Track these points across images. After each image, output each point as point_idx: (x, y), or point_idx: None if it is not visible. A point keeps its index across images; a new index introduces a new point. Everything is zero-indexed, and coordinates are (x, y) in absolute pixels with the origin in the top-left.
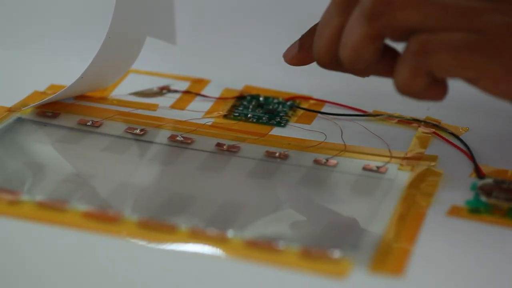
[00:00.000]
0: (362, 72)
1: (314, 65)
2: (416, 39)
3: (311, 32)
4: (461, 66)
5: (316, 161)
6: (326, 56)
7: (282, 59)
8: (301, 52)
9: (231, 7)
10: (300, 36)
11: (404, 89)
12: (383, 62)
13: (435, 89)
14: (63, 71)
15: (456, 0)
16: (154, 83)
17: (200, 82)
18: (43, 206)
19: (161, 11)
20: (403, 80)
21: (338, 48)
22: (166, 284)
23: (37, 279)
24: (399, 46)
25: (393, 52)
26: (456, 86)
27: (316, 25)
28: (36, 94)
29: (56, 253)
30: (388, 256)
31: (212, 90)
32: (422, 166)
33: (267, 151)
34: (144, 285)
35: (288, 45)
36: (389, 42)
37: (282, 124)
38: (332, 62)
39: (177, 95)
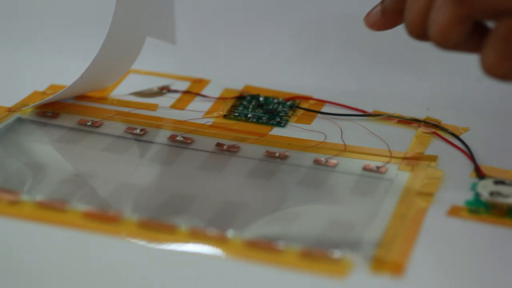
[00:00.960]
0: (450, 49)
1: (313, 65)
2: (505, 23)
3: None
4: None
5: (316, 161)
6: (417, 29)
7: (282, 59)
8: (384, 17)
9: (231, 7)
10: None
11: (491, 71)
12: (471, 40)
13: None
14: (63, 71)
15: None
16: (154, 83)
17: (200, 82)
18: (43, 206)
19: (161, 11)
20: (491, 63)
21: (428, 24)
22: (166, 284)
23: (37, 279)
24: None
25: (483, 30)
26: (456, 86)
27: None
28: (36, 94)
29: (56, 253)
30: (388, 256)
31: (212, 90)
32: (422, 166)
33: (267, 151)
34: (144, 285)
35: (288, 45)
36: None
37: (282, 124)
38: (424, 35)
39: (177, 95)
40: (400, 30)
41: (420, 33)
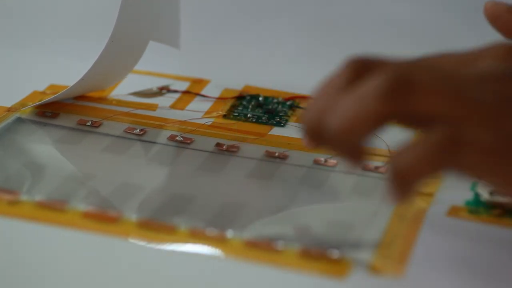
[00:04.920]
0: (347, 148)
1: (313, 65)
2: (444, 130)
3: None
4: (489, 169)
5: (316, 161)
6: (314, 123)
7: (282, 59)
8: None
9: (230, 7)
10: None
11: (408, 171)
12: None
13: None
14: (63, 71)
15: (486, 97)
16: (153, 83)
17: (199, 82)
18: (43, 206)
19: (167, 16)
20: (412, 164)
21: (328, 118)
22: (166, 284)
23: (37, 279)
24: None
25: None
26: None
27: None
28: (35, 94)
29: (56, 253)
30: (388, 256)
31: (212, 90)
32: None
33: (266, 151)
34: (144, 285)
35: (288, 45)
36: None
37: (282, 124)
38: (317, 132)
39: (177, 95)
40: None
41: (314, 129)
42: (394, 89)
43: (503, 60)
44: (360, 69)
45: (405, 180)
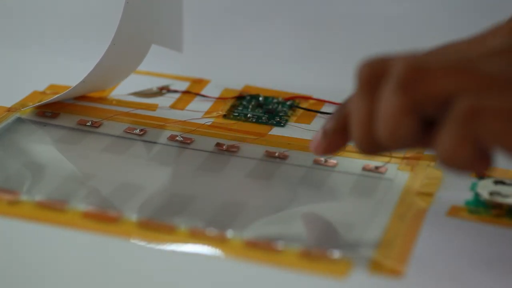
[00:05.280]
0: (403, 148)
1: (313, 64)
2: (461, 105)
3: (333, 118)
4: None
5: (316, 161)
6: (366, 141)
7: (282, 59)
8: (327, 139)
9: (230, 7)
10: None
11: (449, 160)
12: (423, 138)
13: (479, 160)
14: (63, 71)
15: (500, 68)
16: (153, 83)
17: (199, 82)
18: (43, 206)
19: (170, 19)
20: (448, 150)
21: (375, 129)
22: (165, 284)
23: (37, 279)
24: None
25: (434, 126)
26: None
27: (338, 110)
28: (35, 94)
29: (56, 253)
30: (388, 256)
31: (212, 90)
32: (422, 166)
33: (266, 151)
34: (144, 285)
35: (288, 45)
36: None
37: (282, 124)
38: (374, 146)
39: (177, 95)
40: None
41: (369, 145)
42: (409, 79)
43: (510, 35)
44: (374, 72)
45: (454, 164)
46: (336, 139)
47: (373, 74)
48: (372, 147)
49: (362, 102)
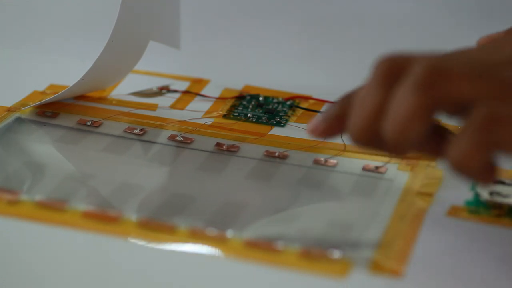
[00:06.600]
0: (406, 150)
1: (313, 64)
2: (481, 111)
3: (338, 104)
4: None
5: (316, 161)
6: (367, 133)
7: (282, 59)
8: (326, 123)
9: (230, 7)
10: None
11: (462, 164)
12: (431, 141)
13: (486, 170)
14: (63, 71)
15: None
16: (153, 83)
17: (199, 82)
18: (43, 206)
19: (167, 16)
20: (464, 154)
21: (380, 125)
22: (165, 284)
23: (37, 279)
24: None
25: (441, 130)
26: None
27: (344, 97)
28: (35, 94)
29: (56, 253)
30: (388, 256)
31: (212, 90)
32: (422, 166)
33: (266, 151)
34: (144, 285)
35: (288, 45)
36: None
37: (282, 124)
38: (371, 139)
39: (177, 95)
40: (400, 29)
41: (368, 138)
42: (430, 79)
43: None
44: (394, 68)
45: (467, 169)
46: (336, 124)
47: (393, 69)
48: (369, 139)
49: (376, 93)
